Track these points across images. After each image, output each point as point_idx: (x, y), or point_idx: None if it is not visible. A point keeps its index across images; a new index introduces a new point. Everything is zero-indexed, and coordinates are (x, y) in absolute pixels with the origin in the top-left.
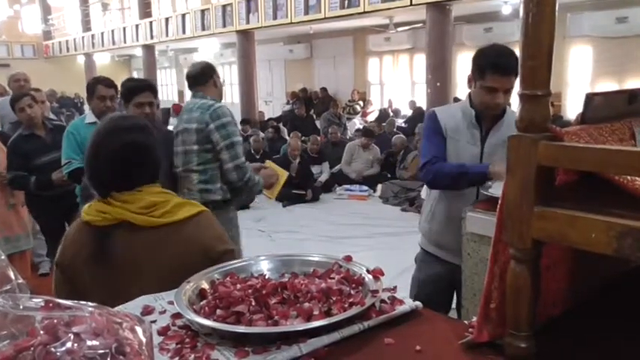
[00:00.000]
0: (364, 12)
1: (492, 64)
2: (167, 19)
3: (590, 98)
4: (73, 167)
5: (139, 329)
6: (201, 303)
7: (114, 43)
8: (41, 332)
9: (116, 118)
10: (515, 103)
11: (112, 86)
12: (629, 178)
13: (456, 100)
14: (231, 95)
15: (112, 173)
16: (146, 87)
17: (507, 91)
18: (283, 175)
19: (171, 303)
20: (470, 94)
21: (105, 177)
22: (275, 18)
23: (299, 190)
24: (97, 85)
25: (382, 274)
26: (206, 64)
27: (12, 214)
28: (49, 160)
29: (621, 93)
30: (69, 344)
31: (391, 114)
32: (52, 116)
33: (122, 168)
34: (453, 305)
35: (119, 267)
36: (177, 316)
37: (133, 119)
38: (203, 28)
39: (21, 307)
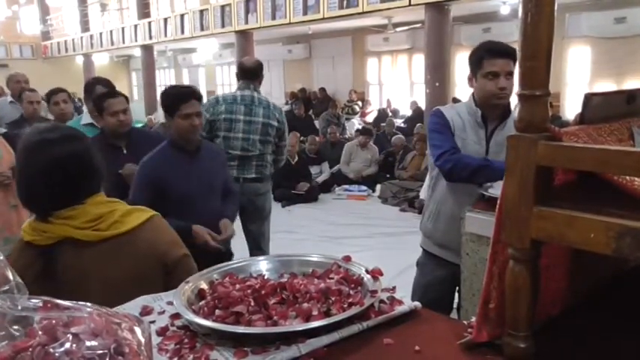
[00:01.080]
0: (363, 12)
1: (487, 50)
2: (166, 20)
3: (588, 98)
4: None
5: (137, 330)
6: (200, 303)
7: (112, 43)
8: (40, 333)
9: (42, 129)
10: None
11: (111, 87)
12: (627, 178)
13: (455, 100)
14: None
15: (50, 191)
16: (192, 94)
17: (509, 75)
18: None
19: (170, 303)
20: (473, 94)
21: (43, 196)
22: (274, 18)
23: (298, 191)
24: (96, 85)
25: (381, 274)
26: (260, 63)
27: (13, 215)
28: None
29: (620, 93)
30: (68, 345)
31: (390, 114)
32: (49, 116)
33: (60, 184)
34: (454, 305)
35: (67, 285)
36: (176, 316)
37: (62, 129)
38: (202, 29)
39: (19, 307)
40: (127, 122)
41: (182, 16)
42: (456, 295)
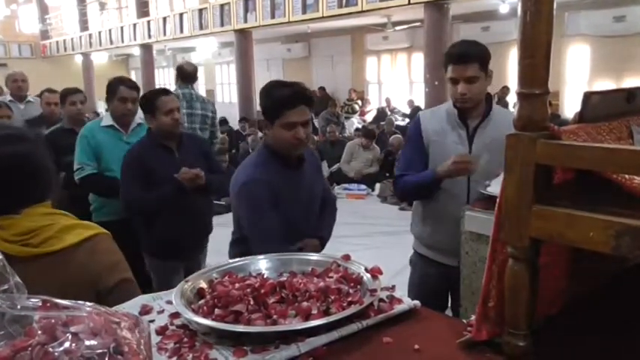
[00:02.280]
0: (362, 11)
1: (449, 55)
2: (165, 19)
3: (587, 97)
4: (86, 173)
5: (137, 329)
6: (200, 302)
7: (111, 42)
8: (39, 332)
9: None
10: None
11: (135, 88)
12: (627, 176)
13: None
14: (230, 94)
15: None
16: (301, 98)
17: (469, 81)
18: None
19: (169, 302)
20: None
21: None
22: (273, 17)
23: None
24: (120, 85)
25: (380, 273)
26: (197, 67)
27: None
28: None
29: (619, 92)
30: (67, 344)
31: (389, 113)
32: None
33: None
34: (449, 305)
35: None
36: (175, 315)
37: (5, 129)
38: (201, 28)
39: (18, 306)
40: (181, 121)
41: (181, 15)
42: (449, 297)
